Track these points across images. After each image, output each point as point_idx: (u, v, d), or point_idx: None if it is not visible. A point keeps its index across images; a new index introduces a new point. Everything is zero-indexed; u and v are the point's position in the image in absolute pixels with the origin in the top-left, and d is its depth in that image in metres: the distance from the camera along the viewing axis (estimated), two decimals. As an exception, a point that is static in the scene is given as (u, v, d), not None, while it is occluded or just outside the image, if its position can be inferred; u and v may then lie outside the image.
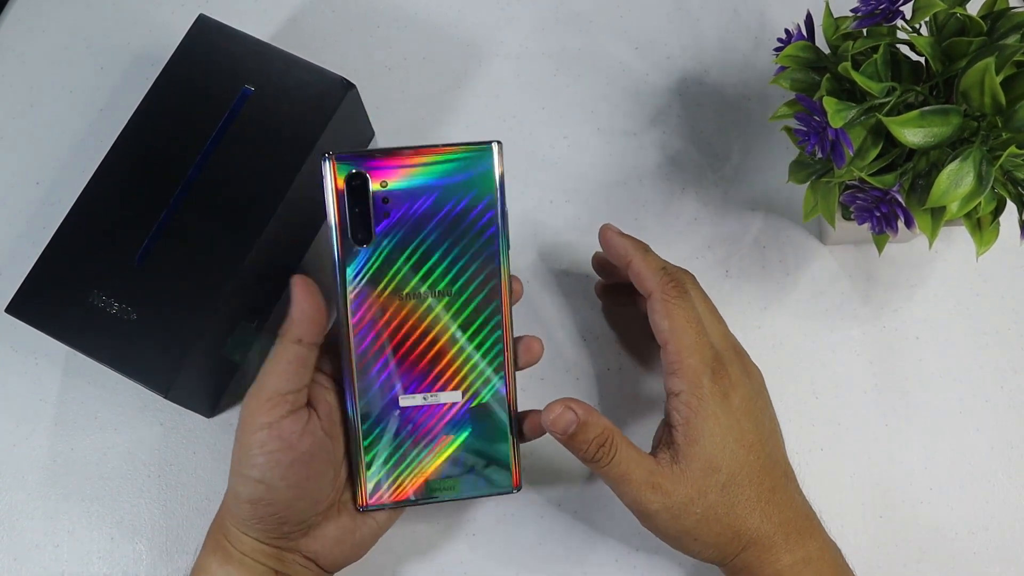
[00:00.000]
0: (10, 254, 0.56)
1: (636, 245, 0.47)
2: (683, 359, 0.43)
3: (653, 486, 0.43)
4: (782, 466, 0.45)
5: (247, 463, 0.42)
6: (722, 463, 0.43)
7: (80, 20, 0.60)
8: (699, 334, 0.44)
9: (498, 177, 0.42)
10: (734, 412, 0.43)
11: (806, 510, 0.45)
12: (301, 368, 0.43)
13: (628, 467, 0.43)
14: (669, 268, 0.45)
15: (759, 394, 0.46)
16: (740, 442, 0.43)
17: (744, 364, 0.46)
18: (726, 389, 0.43)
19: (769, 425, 0.45)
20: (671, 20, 0.60)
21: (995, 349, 0.54)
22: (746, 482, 0.43)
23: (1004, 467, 0.52)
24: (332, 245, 0.42)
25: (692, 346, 0.43)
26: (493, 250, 0.43)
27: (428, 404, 0.44)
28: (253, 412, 0.42)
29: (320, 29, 0.60)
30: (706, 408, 0.43)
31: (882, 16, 0.43)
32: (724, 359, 0.44)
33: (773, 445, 0.45)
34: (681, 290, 0.44)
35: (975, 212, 0.42)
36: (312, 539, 0.44)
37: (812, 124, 0.43)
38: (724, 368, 0.44)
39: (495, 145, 0.42)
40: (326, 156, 0.41)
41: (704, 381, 0.43)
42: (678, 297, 0.44)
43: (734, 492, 0.43)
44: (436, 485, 0.45)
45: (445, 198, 0.42)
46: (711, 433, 0.43)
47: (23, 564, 0.51)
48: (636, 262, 0.46)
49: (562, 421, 0.42)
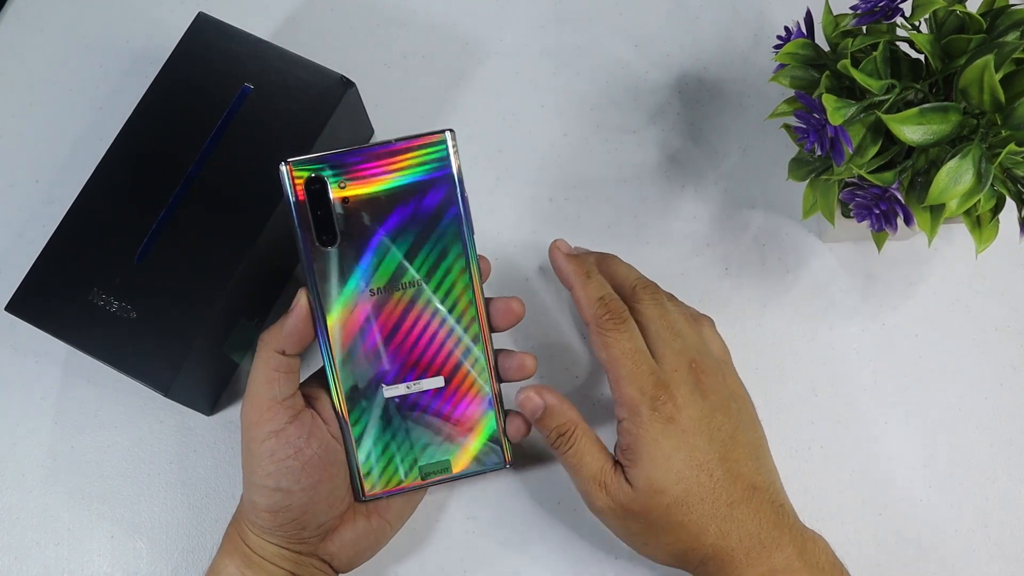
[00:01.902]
0: (10, 253, 0.56)
1: (579, 270, 0.47)
2: (621, 388, 0.44)
3: (600, 484, 0.44)
4: (747, 479, 0.44)
5: (261, 473, 0.42)
6: (666, 486, 0.43)
7: (80, 19, 0.60)
8: (636, 363, 0.44)
9: (455, 164, 0.43)
10: (682, 434, 0.43)
11: (776, 520, 0.44)
12: (289, 374, 0.43)
13: (582, 460, 0.44)
14: (607, 297, 0.46)
15: (719, 410, 0.45)
16: (688, 463, 0.43)
17: (700, 383, 0.45)
18: (670, 414, 0.43)
19: (731, 440, 0.44)
20: (670, 18, 0.60)
21: (995, 347, 0.54)
22: (697, 501, 0.43)
23: (1004, 464, 0.52)
24: (299, 250, 0.43)
25: (628, 376, 0.44)
26: (458, 235, 0.44)
27: (412, 392, 0.45)
28: (256, 422, 0.43)
29: (319, 27, 0.60)
30: (646, 435, 0.43)
31: (881, 13, 0.43)
32: (670, 383, 0.44)
33: (735, 460, 0.44)
34: (617, 320, 0.45)
35: (974, 210, 0.42)
36: (330, 542, 0.45)
37: (811, 122, 0.43)
38: (668, 393, 0.44)
39: (448, 133, 0.43)
40: (283, 163, 0.42)
41: (642, 410, 0.43)
42: (613, 329, 0.45)
43: (683, 511, 0.43)
44: (430, 468, 0.46)
45: (405, 191, 0.43)
46: (651, 458, 0.43)
47: (23, 562, 0.51)
48: (576, 291, 0.47)
49: (529, 405, 0.45)
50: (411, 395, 0.45)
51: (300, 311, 0.43)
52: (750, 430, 0.46)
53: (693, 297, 0.54)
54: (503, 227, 0.56)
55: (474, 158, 0.56)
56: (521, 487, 0.52)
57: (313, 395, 0.45)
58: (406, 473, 0.46)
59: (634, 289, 0.47)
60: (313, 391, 0.45)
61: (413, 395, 0.45)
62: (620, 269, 0.49)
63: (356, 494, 0.45)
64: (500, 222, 0.56)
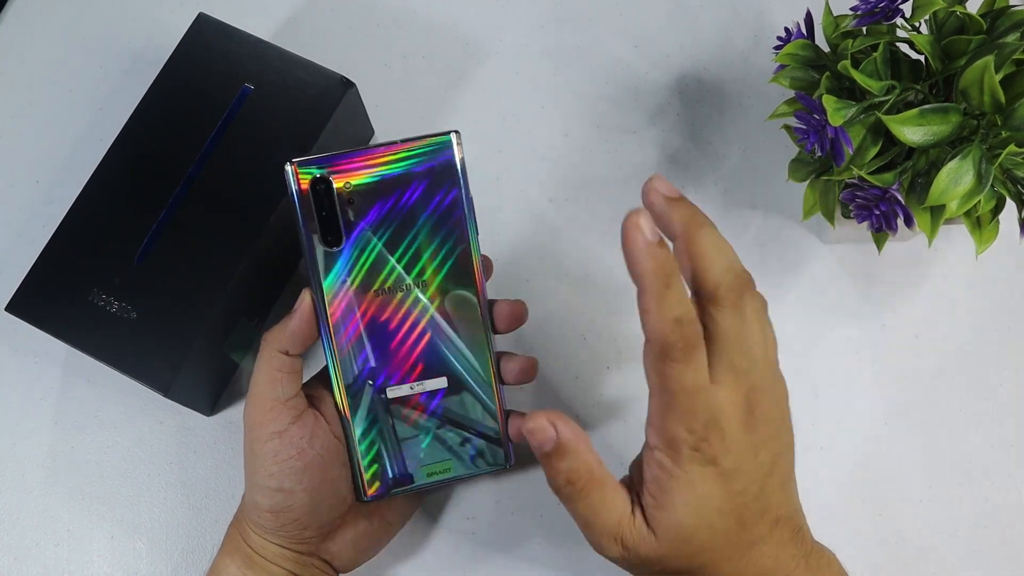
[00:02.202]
0: (10, 253, 0.56)
1: (658, 273, 0.36)
2: (665, 423, 0.37)
3: (616, 539, 0.39)
4: (773, 512, 0.39)
5: (263, 473, 0.42)
6: (695, 535, 0.38)
7: (80, 20, 0.60)
8: (692, 402, 0.36)
9: (459, 165, 0.43)
10: (721, 477, 0.37)
11: (792, 551, 0.40)
12: (292, 374, 0.43)
13: (596, 514, 0.39)
14: (684, 319, 0.36)
15: (764, 445, 0.38)
16: (721, 511, 0.38)
17: (753, 413, 0.38)
18: (713, 456, 0.37)
19: (768, 475, 0.39)
20: (670, 18, 0.60)
21: (995, 347, 0.54)
22: (722, 546, 0.38)
23: (1004, 465, 0.52)
24: (303, 250, 0.43)
25: (678, 414, 0.37)
26: (462, 236, 0.44)
27: (415, 392, 0.45)
28: (258, 422, 0.43)
29: (320, 28, 0.60)
30: (683, 475, 0.37)
31: (882, 14, 0.43)
32: (721, 420, 0.37)
33: (767, 495, 0.39)
34: (686, 351, 0.36)
35: (974, 210, 0.42)
36: (331, 542, 0.45)
37: (812, 122, 0.43)
38: (718, 433, 0.37)
39: (453, 135, 0.43)
40: (288, 163, 0.42)
41: (684, 450, 0.37)
42: (679, 361, 0.36)
43: (705, 558, 0.39)
44: (432, 469, 0.46)
45: (410, 192, 0.43)
46: (684, 503, 0.37)
47: (23, 563, 0.51)
48: (647, 300, 0.36)
49: (540, 435, 0.39)
50: (414, 396, 0.45)
51: (304, 311, 0.43)
52: (786, 452, 0.41)
53: (693, 298, 0.54)
54: (503, 227, 0.56)
55: (474, 158, 0.56)
56: (521, 487, 0.52)
57: (316, 395, 0.45)
58: (408, 474, 0.46)
59: (717, 289, 0.37)
60: (316, 391, 0.45)
61: (416, 396, 0.45)
62: (708, 254, 0.37)
63: (358, 495, 0.45)
64: (500, 222, 0.56)
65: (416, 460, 0.45)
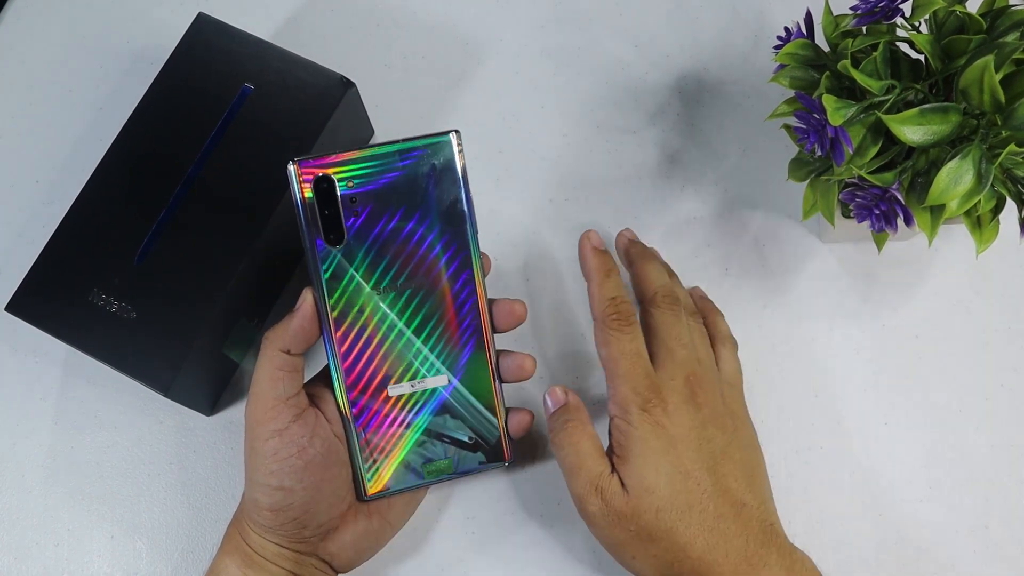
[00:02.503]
0: (10, 253, 0.56)
1: (600, 267, 0.48)
2: (615, 386, 0.45)
3: (597, 489, 0.43)
4: (735, 495, 0.44)
5: (263, 471, 0.43)
6: (656, 485, 0.43)
7: (80, 20, 0.60)
8: (633, 364, 0.44)
9: (459, 164, 0.43)
10: (670, 440, 0.43)
11: (763, 538, 0.43)
12: (293, 373, 0.44)
13: (583, 461, 0.44)
14: (619, 299, 0.46)
15: (712, 423, 0.45)
16: (676, 468, 0.43)
17: (695, 394, 0.45)
18: (659, 419, 0.43)
19: (722, 455, 0.44)
20: (670, 18, 0.60)
21: (995, 347, 0.54)
22: (685, 507, 0.43)
23: (1004, 466, 0.52)
24: (306, 249, 0.43)
25: (623, 375, 0.44)
26: (462, 236, 0.44)
27: (416, 390, 0.45)
28: (259, 420, 0.43)
29: (320, 28, 0.60)
30: (635, 433, 0.43)
31: (881, 14, 0.43)
32: (663, 389, 0.44)
33: (724, 474, 0.44)
34: (623, 322, 0.46)
35: (974, 210, 0.42)
36: (330, 542, 0.45)
37: (811, 122, 0.43)
38: (660, 397, 0.44)
39: (453, 135, 0.43)
40: (291, 162, 0.42)
41: (632, 409, 0.44)
42: (616, 329, 0.45)
43: (671, 516, 0.42)
44: (432, 467, 0.46)
45: (411, 191, 0.43)
46: (641, 456, 0.43)
47: (23, 563, 0.51)
48: (591, 287, 0.48)
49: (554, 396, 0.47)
50: (414, 394, 0.45)
51: (306, 311, 0.43)
52: (745, 449, 0.46)
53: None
54: (503, 227, 0.56)
55: (474, 158, 0.56)
56: (521, 487, 0.52)
57: (317, 393, 0.45)
58: (408, 472, 0.46)
59: (655, 296, 0.47)
60: (317, 389, 0.45)
61: (416, 394, 0.45)
62: (651, 272, 0.49)
63: (358, 494, 0.45)
64: (500, 222, 0.56)
65: (416, 458, 0.46)
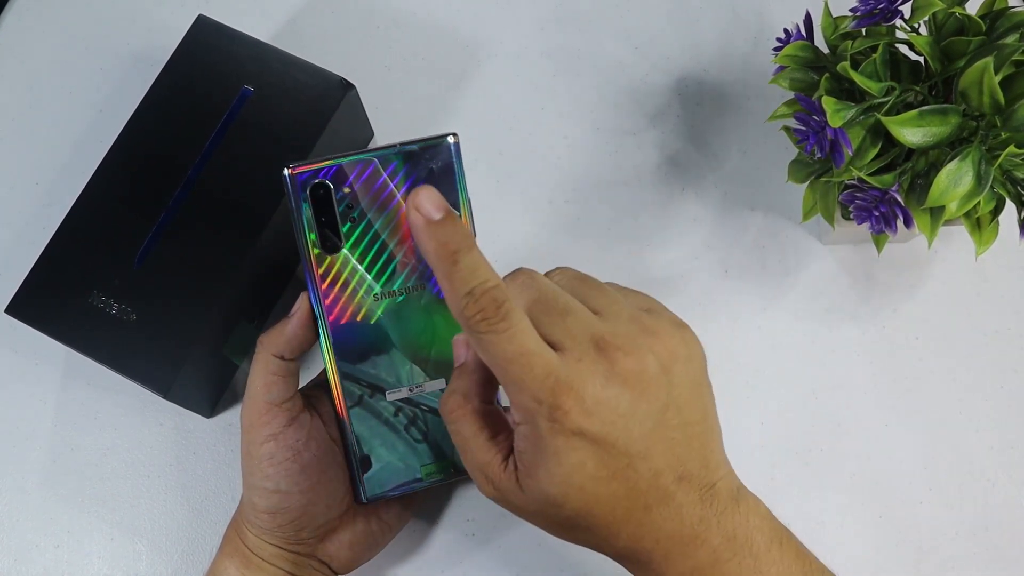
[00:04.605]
0: (10, 254, 0.56)
1: (441, 250, 0.36)
2: (512, 396, 0.36)
3: (485, 477, 0.38)
4: (673, 471, 0.37)
5: (259, 475, 0.43)
6: (566, 502, 0.36)
7: (80, 20, 0.60)
8: (524, 368, 0.35)
9: (458, 167, 0.43)
10: (592, 445, 0.35)
11: (701, 512, 0.37)
12: (287, 378, 0.43)
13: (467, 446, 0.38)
14: (477, 290, 0.35)
15: (643, 396, 0.36)
16: (596, 477, 0.36)
17: (616, 364, 0.36)
18: (577, 424, 0.35)
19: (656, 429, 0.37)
20: (670, 20, 0.60)
21: (995, 348, 0.54)
22: (606, 511, 0.36)
23: (1004, 467, 0.52)
24: (302, 255, 0.43)
25: (517, 384, 0.35)
26: None
27: (414, 395, 0.45)
28: (254, 424, 0.43)
29: (320, 29, 0.60)
30: (546, 448, 0.35)
31: (881, 16, 0.43)
32: (574, 382, 0.35)
33: (659, 453, 0.37)
34: (492, 320, 0.35)
35: (974, 212, 0.42)
36: (328, 543, 0.45)
37: (811, 124, 0.43)
38: (574, 396, 0.35)
39: (451, 137, 0.43)
40: (286, 168, 0.42)
41: (540, 422, 0.35)
42: (488, 331, 0.35)
43: (586, 520, 0.37)
44: (430, 469, 0.46)
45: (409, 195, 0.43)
46: (549, 475, 0.36)
47: (23, 564, 0.51)
48: (439, 280, 0.36)
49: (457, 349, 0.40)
50: (412, 398, 0.45)
51: (301, 317, 0.43)
52: (684, 404, 0.38)
53: (693, 299, 0.54)
54: (503, 229, 0.56)
55: (474, 160, 0.56)
56: (521, 489, 0.52)
57: (314, 395, 0.45)
58: (406, 475, 0.45)
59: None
60: (314, 392, 0.45)
61: (414, 398, 0.45)
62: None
63: (356, 497, 0.45)
64: (500, 224, 0.56)
65: (414, 461, 0.45)
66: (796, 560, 0.39)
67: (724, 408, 0.40)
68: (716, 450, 0.39)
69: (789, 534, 0.39)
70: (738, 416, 0.52)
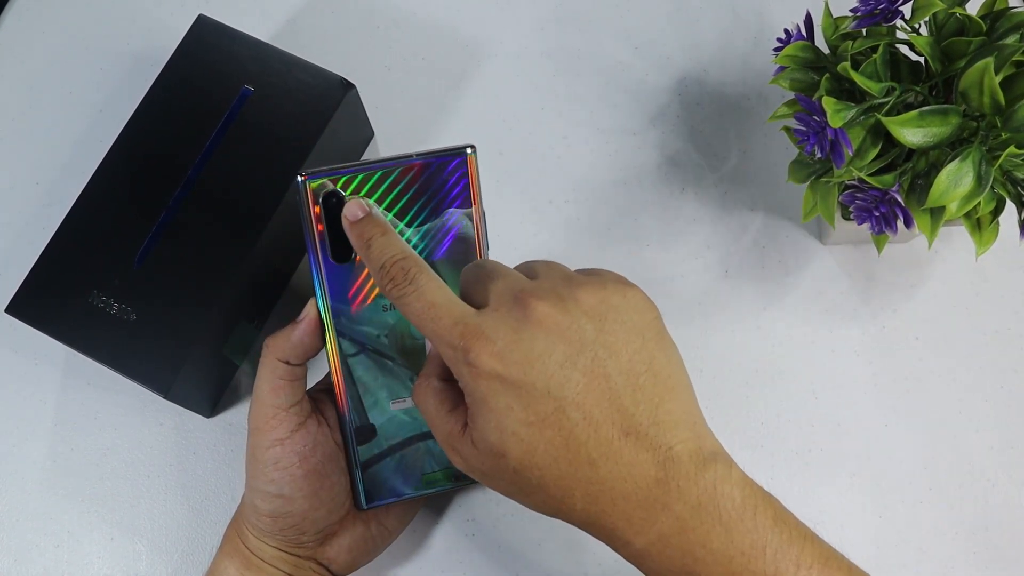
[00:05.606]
0: (10, 254, 0.56)
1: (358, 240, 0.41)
2: (436, 350, 0.39)
3: (452, 448, 0.39)
4: (615, 424, 0.36)
5: (264, 478, 0.43)
6: (506, 448, 0.36)
7: (80, 20, 0.60)
8: (434, 319, 0.37)
9: (474, 180, 0.42)
10: (511, 388, 0.36)
11: (659, 473, 0.36)
12: (294, 382, 0.43)
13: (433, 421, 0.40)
14: (388, 263, 0.39)
15: (565, 340, 0.36)
16: (524, 422, 0.36)
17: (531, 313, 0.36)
18: (491, 367, 0.36)
19: (589, 376, 0.36)
20: (670, 20, 0.60)
21: (995, 349, 0.54)
22: (549, 462, 0.36)
23: (1004, 467, 0.52)
24: (311, 263, 0.42)
25: (432, 336, 0.38)
26: (473, 252, 0.43)
27: None
28: (261, 428, 0.43)
29: (320, 29, 0.60)
30: (474, 394, 0.36)
31: (881, 16, 0.43)
32: (483, 328, 0.36)
33: (594, 403, 0.36)
34: (401, 283, 0.38)
35: (974, 212, 0.42)
36: (328, 547, 0.45)
37: (811, 124, 0.43)
38: (482, 341, 0.36)
39: (468, 150, 0.42)
40: (300, 175, 0.41)
41: (460, 368, 0.37)
42: (400, 295, 0.38)
43: (534, 474, 0.36)
44: (431, 477, 0.45)
45: (423, 206, 0.42)
46: (484, 419, 0.36)
47: (23, 564, 0.51)
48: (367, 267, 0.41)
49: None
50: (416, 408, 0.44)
51: (309, 324, 0.43)
52: (620, 351, 0.37)
53: (692, 299, 0.54)
54: (503, 230, 0.56)
55: (474, 160, 0.56)
56: (521, 489, 0.52)
57: (320, 398, 0.45)
58: (408, 482, 0.45)
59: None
60: (319, 395, 0.45)
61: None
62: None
63: (357, 502, 0.45)
64: (500, 225, 0.56)
65: (416, 468, 0.45)
66: (773, 527, 0.36)
67: (724, 408, 0.40)
68: (673, 411, 0.37)
69: (767, 502, 0.37)
70: (738, 416, 0.52)
